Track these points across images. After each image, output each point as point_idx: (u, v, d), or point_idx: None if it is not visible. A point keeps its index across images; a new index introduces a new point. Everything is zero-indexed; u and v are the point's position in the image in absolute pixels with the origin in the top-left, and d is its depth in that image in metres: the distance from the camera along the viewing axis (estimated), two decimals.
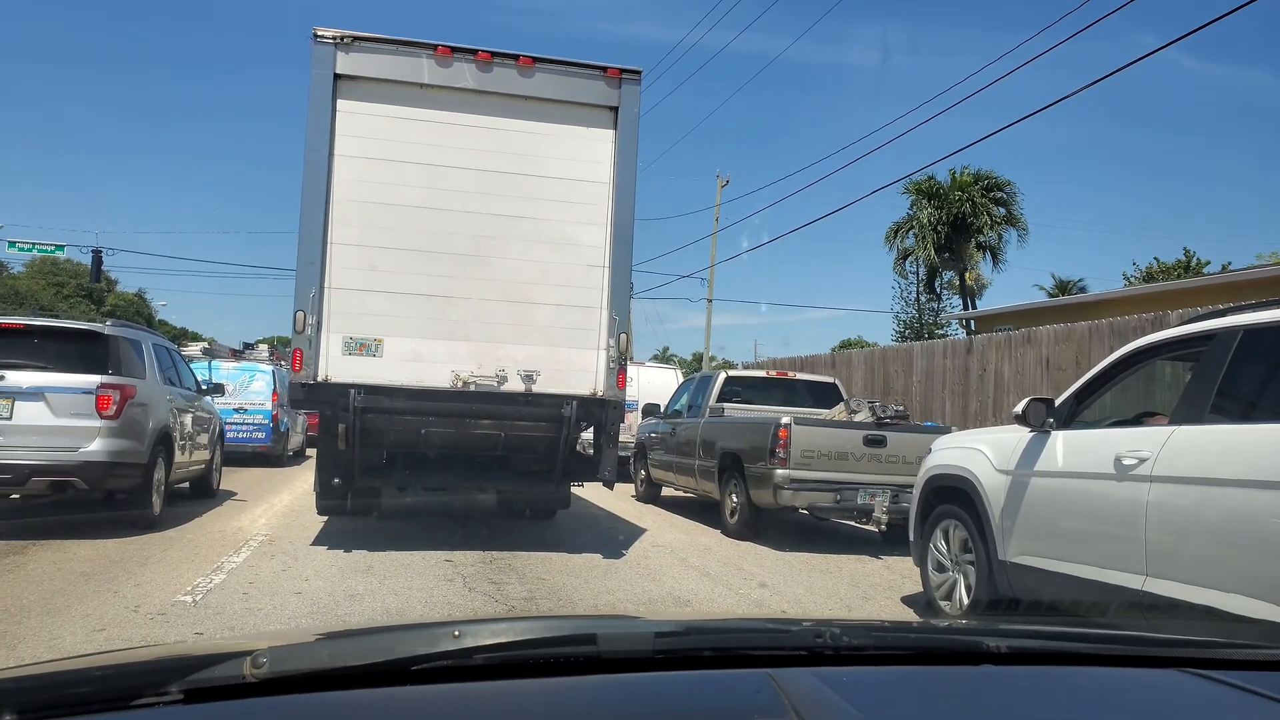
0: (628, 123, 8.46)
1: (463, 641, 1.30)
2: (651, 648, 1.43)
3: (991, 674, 1.50)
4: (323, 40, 7.97)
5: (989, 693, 1.47)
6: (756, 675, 1.34)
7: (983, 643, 1.57)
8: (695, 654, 1.47)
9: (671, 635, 1.55)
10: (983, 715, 1.40)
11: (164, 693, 1.13)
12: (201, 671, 1.19)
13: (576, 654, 1.37)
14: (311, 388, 7.95)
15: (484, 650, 1.31)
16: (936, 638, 1.80)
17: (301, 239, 8.00)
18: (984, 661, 1.52)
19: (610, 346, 8.39)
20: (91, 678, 1.26)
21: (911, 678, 1.50)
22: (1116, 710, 1.42)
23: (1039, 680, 1.53)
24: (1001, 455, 5.85)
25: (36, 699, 1.13)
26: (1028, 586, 5.50)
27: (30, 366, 8.39)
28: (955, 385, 16.02)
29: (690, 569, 8.19)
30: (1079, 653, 1.64)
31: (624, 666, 1.37)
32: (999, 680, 1.50)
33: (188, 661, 1.26)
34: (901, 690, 1.44)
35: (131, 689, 1.15)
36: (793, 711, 1.20)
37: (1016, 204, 35.71)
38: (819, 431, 9.87)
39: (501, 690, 1.28)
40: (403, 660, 1.26)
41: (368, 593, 6.51)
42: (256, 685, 1.16)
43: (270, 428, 17.68)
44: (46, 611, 5.63)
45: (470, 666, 1.29)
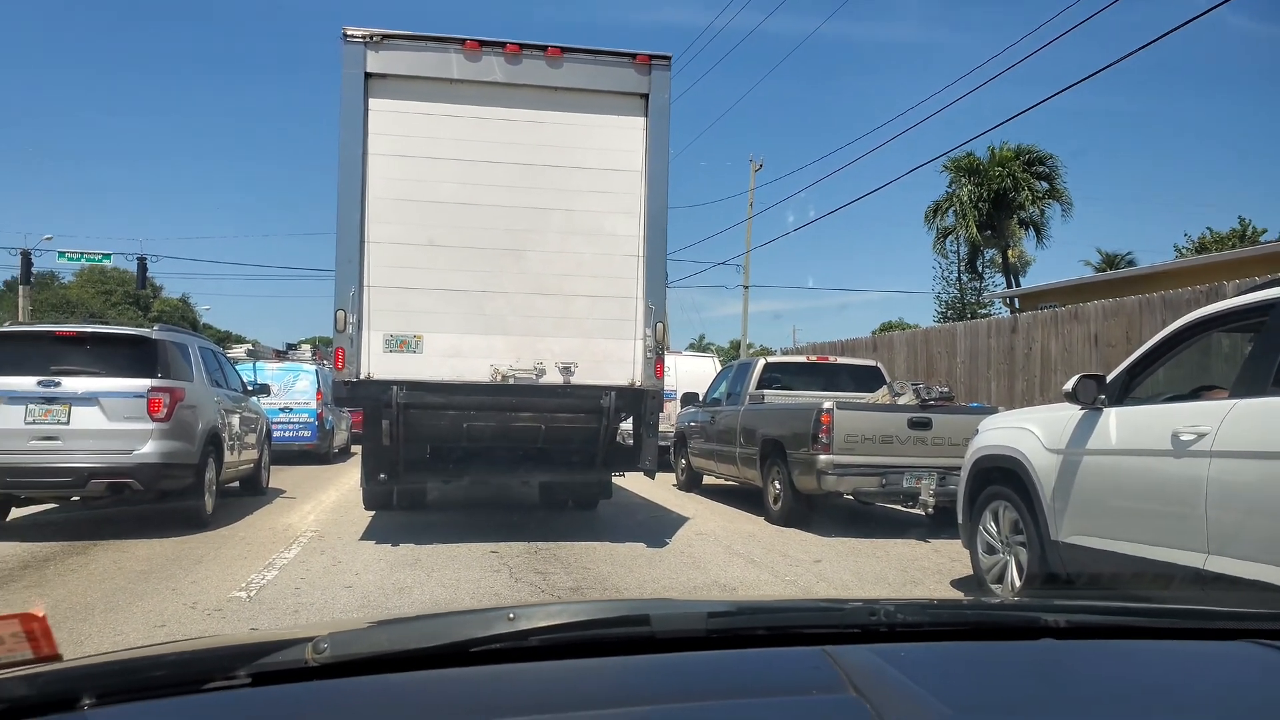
0: (659, 110, 8.43)
1: (518, 624, 1.30)
2: (705, 627, 1.43)
3: (1052, 648, 1.48)
4: (352, 40, 8.02)
5: (1050, 667, 1.44)
6: (812, 652, 1.33)
7: (1041, 618, 1.54)
8: (748, 633, 1.46)
9: (725, 615, 1.54)
10: (1045, 688, 1.37)
11: (232, 677, 1.17)
12: (266, 657, 1.21)
13: (630, 634, 1.37)
14: (355, 385, 8.04)
15: (539, 632, 1.31)
16: (993, 613, 1.77)
17: (339, 239, 8.08)
18: (1044, 636, 1.49)
19: (647, 336, 8.38)
20: (164, 663, 1.29)
21: (970, 653, 1.48)
22: (1187, 681, 1.40)
23: (1102, 653, 1.50)
24: (1052, 434, 5.75)
25: (113, 683, 1.16)
26: (1082, 566, 5.41)
27: (84, 372, 8.58)
28: (1000, 365, 15.82)
29: (735, 556, 8.18)
30: (1142, 626, 1.61)
31: (677, 646, 1.37)
32: (1060, 654, 1.48)
33: (252, 648, 1.28)
34: (961, 665, 1.42)
35: (202, 673, 1.18)
36: (850, 686, 1.20)
37: (1060, 178, 35.12)
38: (862, 415, 9.79)
39: (557, 670, 1.29)
40: (460, 643, 1.27)
41: (416, 585, 6.57)
42: (318, 669, 1.19)
43: (316, 426, 17.91)
44: (109, 609, 5.76)
45: (526, 648, 1.30)
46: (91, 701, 1.10)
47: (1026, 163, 34.60)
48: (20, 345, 8.88)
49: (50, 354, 8.70)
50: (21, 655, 1.02)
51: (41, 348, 8.82)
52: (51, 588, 6.40)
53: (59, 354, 8.72)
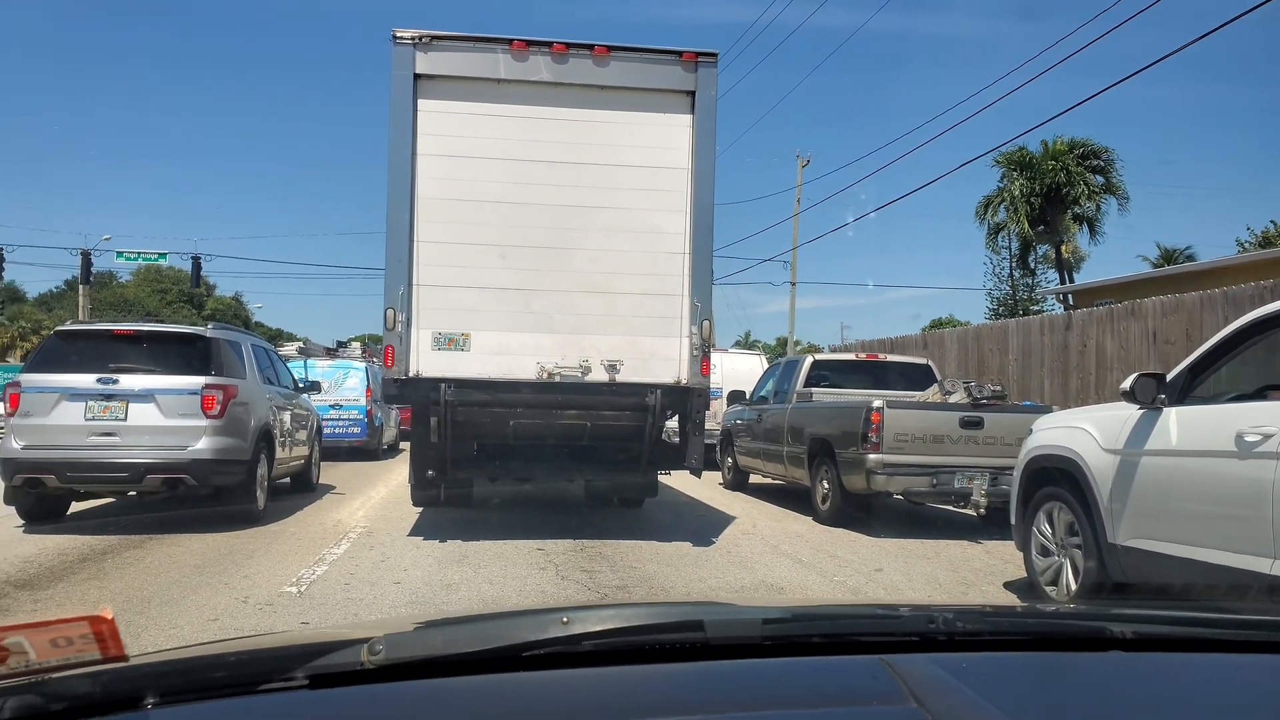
0: (705, 107, 8.39)
1: (572, 628, 1.30)
2: (760, 634, 1.41)
3: (1120, 660, 1.43)
4: (401, 41, 8.09)
5: (1119, 680, 1.39)
6: (869, 661, 1.31)
7: (1107, 628, 1.49)
8: (804, 640, 1.44)
9: (780, 621, 1.51)
10: (1114, 703, 1.33)
11: (290, 678, 1.19)
12: (322, 658, 1.23)
13: (684, 640, 1.35)
14: (403, 383, 8.11)
15: (593, 636, 1.30)
16: (1057, 623, 1.72)
17: (389, 238, 8.16)
18: (1110, 648, 1.44)
19: (693, 334, 8.35)
20: (224, 664, 1.32)
21: (1033, 664, 1.44)
22: (1264, 699, 1.34)
23: (1172, 668, 1.45)
24: (1109, 434, 5.62)
25: (175, 683, 1.19)
26: (1141, 570, 5.28)
27: (141, 370, 8.77)
28: (1054, 363, 15.55)
29: (782, 556, 8.12)
30: (1214, 639, 1.55)
31: (731, 653, 1.35)
32: (1128, 667, 1.43)
33: (308, 649, 1.29)
34: (1024, 677, 1.38)
35: (260, 674, 1.20)
36: (911, 697, 1.17)
37: (1115, 171, 34.31)
38: (913, 414, 9.67)
39: (611, 676, 1.28)
40: (514, 646, 1.27)
41: (464, 582, 6.61)
42: (374, 671, 1.20)
43: (365, 423, 18.14)
44: (165, 602, 5.87)
45: (579, 653, 1.29)
46: (154, 701, 1.12)
47: (1081, 156, 33.88)
48: (80, 343, 9.10)
49: (108, 352, 8.91)
50: (90, 656, 1.04)
51: (100, 346, 9.04)
52: (109, 580, 6.54)
53: (117, 352, 8.92)
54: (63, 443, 8.47)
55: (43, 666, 1.03)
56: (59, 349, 9.05)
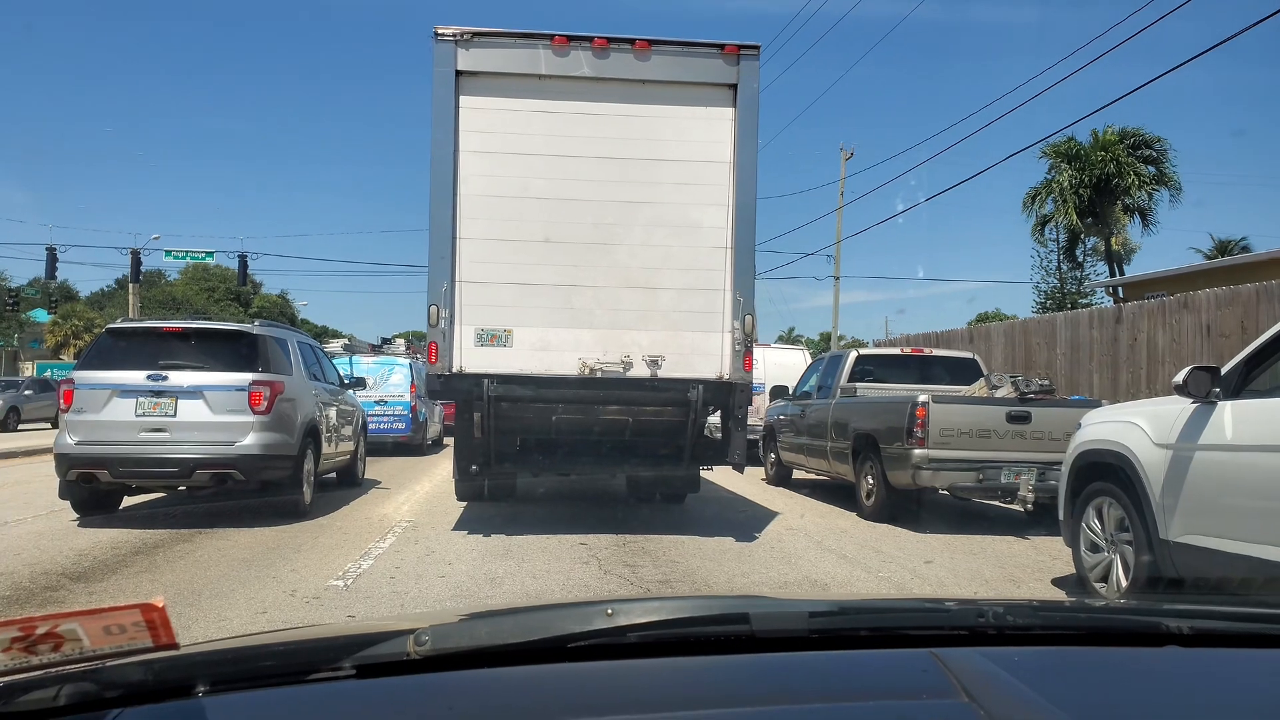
0: (747, 100, 8.34)
1: (616, 620, 1.29)
2: (806, 627, 1.39)
3: (1176, 656, 1.39)
4: (443, 39, 8.13)
5: (1176, 676, 1.36)
6: (918, 654, 1.29)
7: (1163, 623, 1.46)
8: (851, 634, 1.42)
9: (827, 615, 1.50)
10: (1172, 699, 1.29)
11: (337, 668, 1.20)
12: (369, 649, 1.24)
13: (729, 633, 1.34)
14: (447, 379, 8.16)
15: (638, 628, 1.30)
16: (1111, 617, 1.68)
17: (432, 235, 8.21)
18: (1166, 643, 1.41)
19: (735, 329, 8.31)
20: (273, 653, 1.33)
21: (1087, 659, 1.40)
22: None
23: (1232, 664, 1.41)
24: (1161, 429, 5.51)
25: (226, 672, 1.21)
26: (1194, 567, 5.17)
27: (189, 367, 8.90)
28: (1103, 357, 15.29)
29: (826, 552, 8.06)
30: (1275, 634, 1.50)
31: (777, 646, 1.33)
32: (1185, 663, 1.39)
33: (355, 639, 1.31)
34: (1079, 672, 1.35)
35: (309, 664, 1.22)
36: (962, 691, 1.15)
37: (1168, 162, 33.57)
38: (958, 409, 9.56)
39: (655, 668, 1.27)
40: (559, 638, 1.27)
41: (507, 575, 6.64)
42: (420, 662, 1.21)
43: (409, 418, 18.31)
44: (214, 595, 5.96)
45: (623, 644, 1.29)
46: (205, 689, 1.14)
47: (1132, 146, 33.18)
48: (130, 341, 9.27)
49: (158, 349, 9.06)
50: (142, 644, 1.06)
51: (150, 343, 9.19)
52: (161, 573, 6.66)
53: (166, 349, 9.07)
54: (114, 438, 8.63)
55: (96, 653, 1.05)
56: (110, 347, 9.23)
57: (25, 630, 1.01)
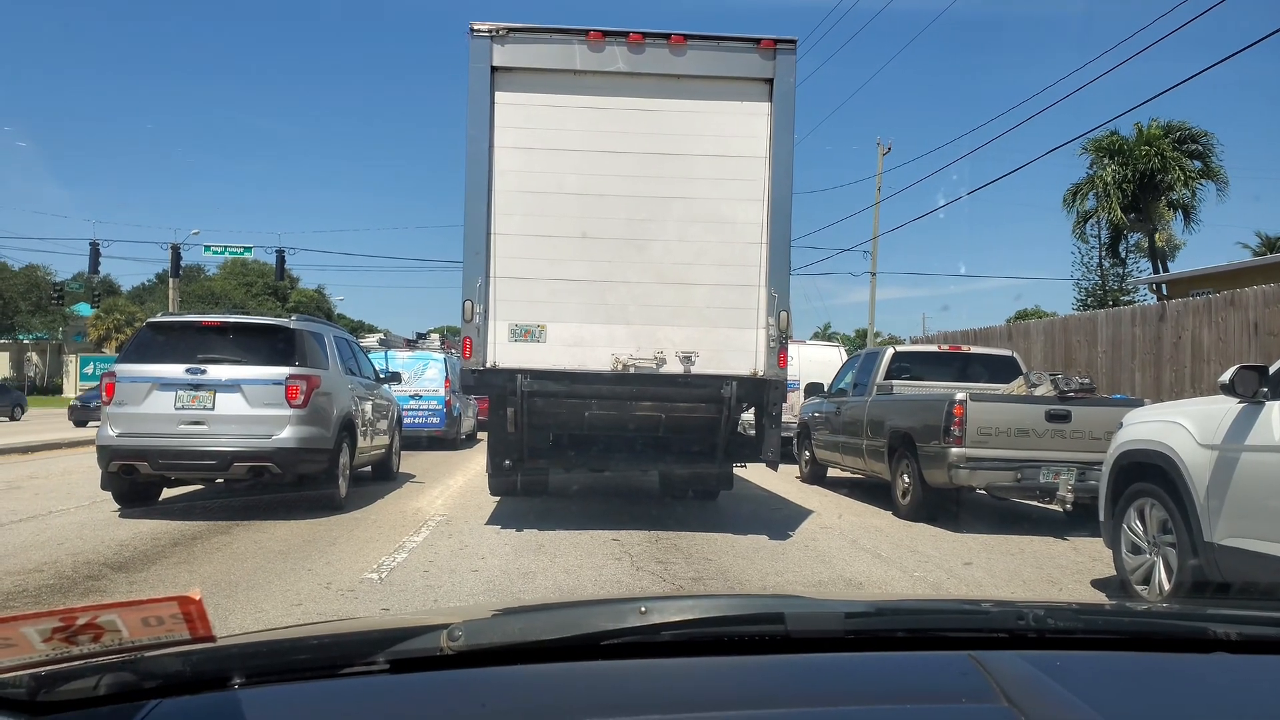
0: (783, 94, 8.28)
1: (650, 618, 1.28)
2: (842, 627, 1.37)
3: (1225, 663, 1.35)
4: (479, 34, 8.15)
5: (1224, 683, 1.32)
6: (957, 657, 1.26)
7: (1210, 628, 1.42)
8: (888, 635, 1.39)
9: (863, 615, 1.47)
10: (1219, 708, 1.26)
11: (371, 662, 1.21)
12: (403, 643, 1.25)
13: (764, 633, 1.32)
14: (481, 374, 8.19)
15: (671, 627, 1.28)
16: (1156, 621, 1.64)
17: (467, 231, 8.24)
18: (1214, 649, 1.37)
19: (770, 325, 8.26)
20: (309, 646, 1.35)
21: (1131, 664, 1.37)
22: None
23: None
24: (1206, 429, 5.40)
25: (261, 664, 1.22)
26: (1240, 571, 5.06)
27: (228, 360, 9.00)
28: (1146, 355, 15.05)
29: (861, 551, 8.00)
30: None
31: (812, 647, 1.31)
32: (1234, 670, 1.35)
33: (389, 634, 1.31)
34: (1122, 677, 1.32)
35: (343, 657, 1.23)
36: (1002, 695, 1.13)
37: (1214, 155, 32.88)
38: (997, 407, 9.45)
39: (689, 667, 1.26)
40: (592, 635, 1.27)
41: (540, 571, 6.65)
42: (453, 657, 1.22)
43: (444, 413, 18.43)
44: (251, 587, 6.02)
45: (656, 643, 1.28)
46: (241, 681, 1.15)
47: (1177, 140, 32.56)
48: (170, 335, 9.40)
49: (197, 343, 9.18)
50: (179, 636, 1.08)
51: (189, 337, 9.31)
52: (199, 564, 6.74)
53: (205, 343, 9.19)
54: (154, 431, 8.76)
55: (135, 644, 1.07)
56: (150, 340, 9.36)
57: (66, 621, 1.02)
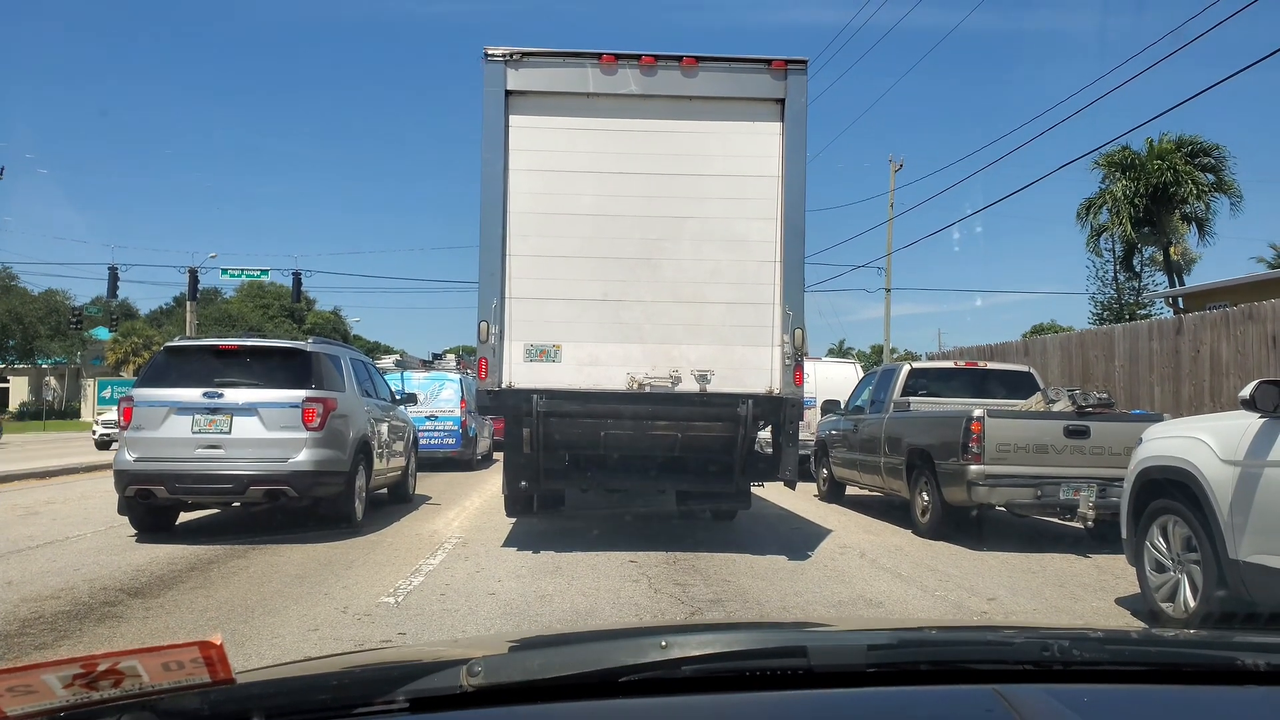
0: (795, 114, 8.30)
1: (670, 652, 1.27)
2: (865, 661, 1.35)
3: (1254, 696, 1.32)
4: (493, 59, 8.21)
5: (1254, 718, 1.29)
6: (982, 692, 1.24)
7: (1239, 659, 1.38)
8: (911, 668, 1.37)
9: (886, 648, 1.45)
10: None
11: (390, 700, 1.20)
12: (422, 680, 1.24)
13: (787, 667, 1.29)
14: (497, 394, 8.20)
15: (692, 662, 1.27)
16: (1184, 652, 1.61)
17: (482, 252, 8.26)
18: (1243, 681, 1.33)
19: (785, 343, 8.25)
20: (327, 685, 1.34)
21: (1160, 698, 1.34)
22: None
23: None
24: (1227, 444, 5.34)
25: (281, 703, 1.22)
26: (1267, 588, 4.99)
27: (244, 384, 9.03)
28: (1164, 369, 14.93)
29: (881, 571, 7.93)
30: None
31: (836, 680, 1.29)
32: (1264, 704, 1.31)
33: (408, 669, 1.31)
34: (1151, 712, 1.29)
35: (363, 696, 1.22)
36: None
37: (1227, 168, 32.77)
38: (1015, 424, 9.38)
39: (711, 705, 1.24)
40: (612, 671, 1.25)
41: (557, 593, 6.62)
42: (473, 695, 1.20)
43: (460, 434, 18.45)
44: (267, 612, 6.02)
45: (677, 679, 1.26)
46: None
47: (1189, 154, 32.48)
48: (187, 359, 9.42)
49: (213, 367, 9.21)
50: (199, 679, 1.07)
51: (205, 361, 9.34)
52: (215, 589, 6.74)
53: (221, 366, 9.22)
54: (171, 455, 8.78)
55: (155, 689, 1.06)
56: (167, 364, 9.37)
57: (87, 667, 1.02)
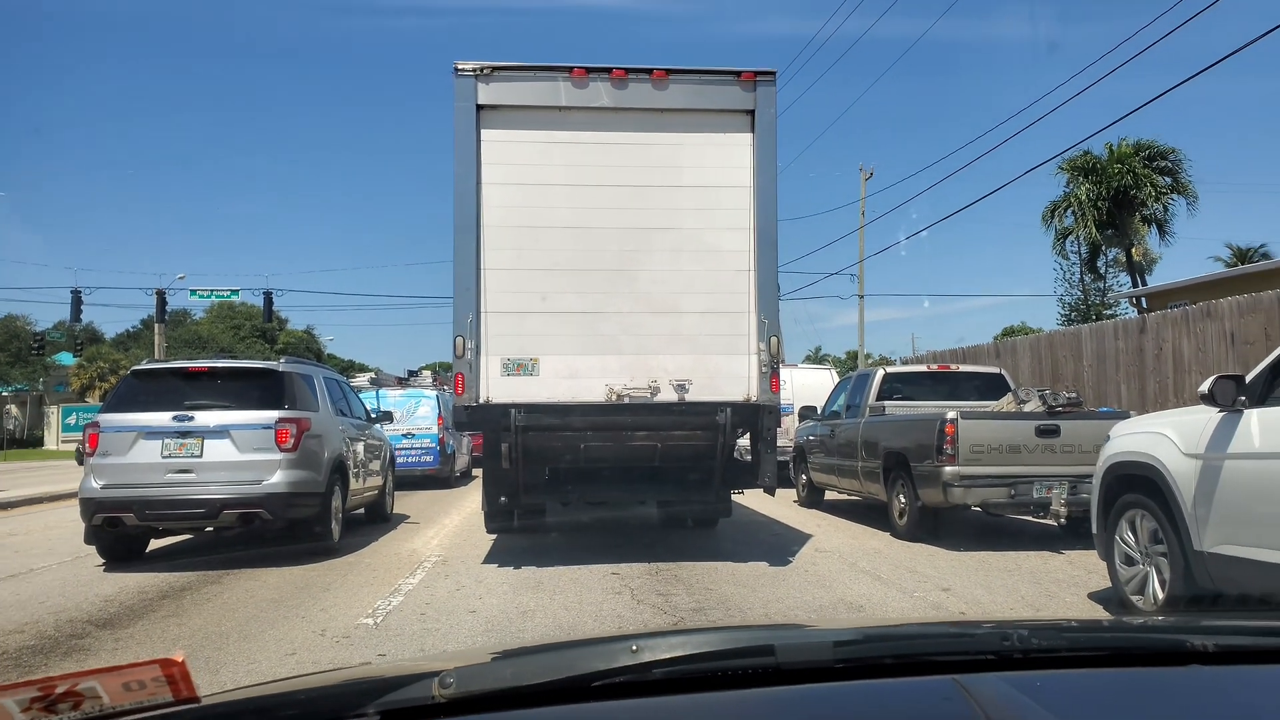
0: (765, 125, 8.38)
1: (640, 656, 1.29)
2: (831, 657, 1.39)
3: (1200, 675, 1.38)
4: (463, 74, 8.23)
5: (1199, 696, 1.35)
6: (942, 682, 1.28)
7: (1186, 641, 1.45)
8: (876, 662, 1.41)
9: (851, 644, 1.49)
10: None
11: (361, 714, 1.19)
12: (393, 693, 1.23)
13: (755, 665, 1.33)
14: (474, 410, 8.19)
15: (662, 664, 1.29)
16: (1135, 636, 1.67)
17: (456, 267, 8.26)
18: (1190, 661, 1.40)
19: (761, 350, 8.31)
20: (296, 701, 1.32)
21: (1111, 681, 1.39)
22: None
23: (1255, 681, 1.39)
24: (1189, 439, 5.45)
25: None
26: (1230, 578, 5.09)
27: (216, 406, 8.94)
28: (1130, 367, 15.16)
29: (861, 574, 8.00)
30: None
31: (803, 677, 1.33)
32: (1209, 682, 1.38)
33: (379, 683, 1.30)
34: (1101, 694, 1.34)
35: (332, 711, 1.21)
36: (984, 718, 1.15)
37: (1184, 171, 33.47)
38: (987, 425, 9.50)
39: (682, 705, 1.27)
40: (583, 676, 1.27)
41: (539, 609, 6.62)
42: (445, 705, 1.20)
43: (437, 451, 18.37)
44: (243, 637, 5.97)
45: (649, 681, 1.29)
46: None
47: (1147, 158, 33.13)
48: (156, 382, 9.30)
49: (183, 389, 9.10)
50: (162, 699, 1.05)
51: (175, 384, 9.23)
52: (189, 617, 6.66)
53: (191, 389, 9.11)
54: (141, 481, 8.64)
55: (116, 710, 1.04)
56: (135, 388, 9.24)
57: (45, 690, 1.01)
